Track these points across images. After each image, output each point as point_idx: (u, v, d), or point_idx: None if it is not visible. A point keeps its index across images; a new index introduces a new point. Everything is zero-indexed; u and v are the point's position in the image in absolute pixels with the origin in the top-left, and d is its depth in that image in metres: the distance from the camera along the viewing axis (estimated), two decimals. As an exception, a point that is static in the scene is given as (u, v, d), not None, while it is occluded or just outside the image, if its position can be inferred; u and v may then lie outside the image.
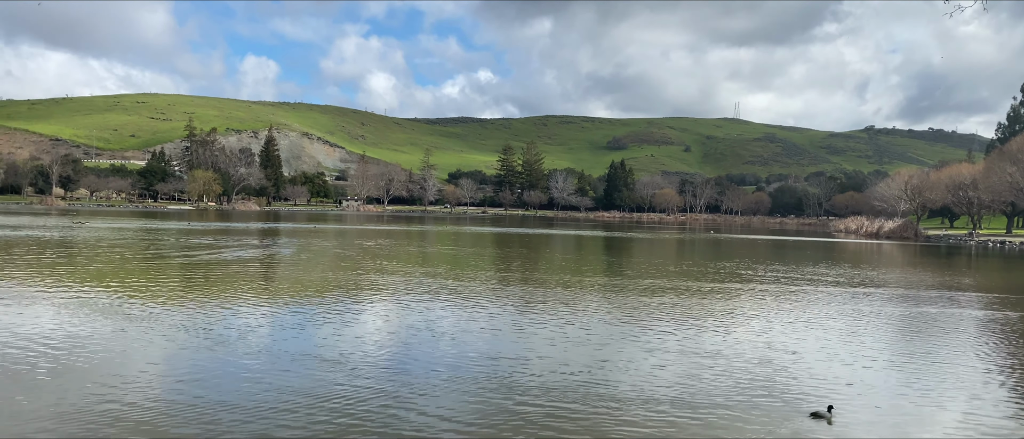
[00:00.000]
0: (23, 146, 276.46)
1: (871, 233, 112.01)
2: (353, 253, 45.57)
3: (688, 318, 22.21)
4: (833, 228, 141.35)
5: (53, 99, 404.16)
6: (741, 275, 37.60)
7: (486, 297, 25.90)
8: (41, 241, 47.05)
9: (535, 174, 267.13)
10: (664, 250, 62.06)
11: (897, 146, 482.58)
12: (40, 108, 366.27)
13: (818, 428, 11.68)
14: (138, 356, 15.14)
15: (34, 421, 10.80)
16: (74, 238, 50.99)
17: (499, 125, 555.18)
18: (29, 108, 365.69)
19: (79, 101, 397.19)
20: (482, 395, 12.91)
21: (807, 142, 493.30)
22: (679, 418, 11.93)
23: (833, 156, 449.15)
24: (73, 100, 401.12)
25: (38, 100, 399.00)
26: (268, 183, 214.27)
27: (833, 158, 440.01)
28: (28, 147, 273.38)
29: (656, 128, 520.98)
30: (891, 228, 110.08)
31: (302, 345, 16.68)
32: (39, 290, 24.20)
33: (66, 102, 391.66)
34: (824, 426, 11.77)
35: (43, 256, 36.64)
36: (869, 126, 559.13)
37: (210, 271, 32.00)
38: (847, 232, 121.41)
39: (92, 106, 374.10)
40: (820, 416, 12.17)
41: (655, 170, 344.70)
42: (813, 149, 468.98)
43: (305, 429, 10.86)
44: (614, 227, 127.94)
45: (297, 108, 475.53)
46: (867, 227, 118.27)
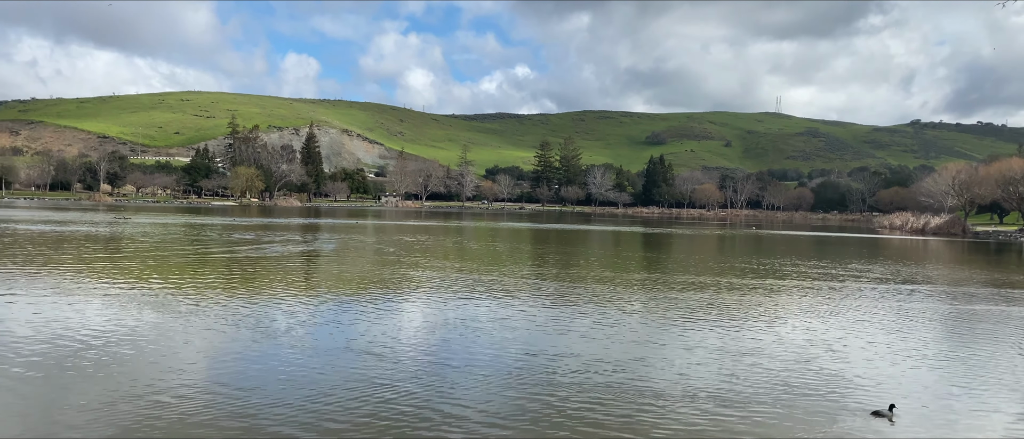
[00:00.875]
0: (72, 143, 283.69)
1: (917, 229, 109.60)
2: (393, 249, 45.95)
3: (729, 315, 21.97)
4: (877, 224, 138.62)
5: (101, 97, 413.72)
6: (783, 271, 37.09)
7: (524, 293, 25.91)
8: (89, 236, 48.22)
9: (572, 170, 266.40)
10: (704, 246, 61.49)
11: (944, 140, 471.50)
12: (88, 106, 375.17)
13: (880, 427, 11.47)
14: (185, 348, 15.44)
15: (83, 412, 11.08)
16: (121, 233, 52.16)
17: (536, 121, 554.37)
18: (78, 106, 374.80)
19: (126, 99, 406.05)
20: (521, 389, 12.93)
21: (850, 137, 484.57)
22: (723, 416, 11.80)
23: (877, 151, 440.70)
24: (120, 98, 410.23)
25: (86, 98, 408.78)
26: (309, 179, 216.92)
27: (877, 153, 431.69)
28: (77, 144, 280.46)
29: (696, 123, 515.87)
30: (937, 224, 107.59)
31: (344, 338, 16.86)
32: (88, 284, 24.80)
33: (113, 100, 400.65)
34: (874, 424, 11.55)
35: (91, 251, 37.54)
36: (915, 120, 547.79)
37: (254, 266, 32.50)
38: (892, 228, 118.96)
39: (138, 104, 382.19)
40: (881, 415, 11.94)
41: (695, 165, 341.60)
42: (856, 144, 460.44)
43: (348, 420, 10.97)
44: (653, 223, 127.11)
45: (337, 105, 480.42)
46: (912, 223, 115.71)
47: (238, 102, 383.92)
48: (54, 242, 42.40)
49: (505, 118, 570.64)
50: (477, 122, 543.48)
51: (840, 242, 74.23)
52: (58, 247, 39.08)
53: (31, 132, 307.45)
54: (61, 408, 11.21)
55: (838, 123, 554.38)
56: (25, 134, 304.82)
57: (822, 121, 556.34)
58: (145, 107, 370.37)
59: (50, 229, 54.87)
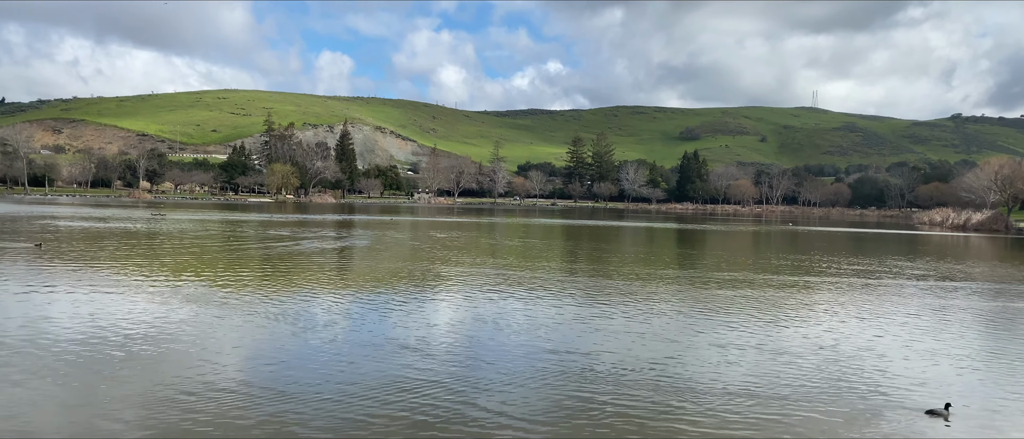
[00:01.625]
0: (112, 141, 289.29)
1: (957, 225, 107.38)
2: (426, 245, 46.17)
3: (765, 312, 21.75)
4: (916, 220, 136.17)
5: (140, 96, 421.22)
6: (820, 268, 36.59)
7: (556, 289, 25.89)
8: (129, 233, 49.14)
9: (605, 165, 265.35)
10: (739, 242, 60.91)
11: (986, 134, 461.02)
12: (128, 105, 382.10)
13: (923, 426, 11.31)
14: (223, 342, 15.69)
15: (124, 404, 11.32)
16: (159, 230, 53.08)
17: (569, 116, 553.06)
18: (118, 105, 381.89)
19: (164, 98, 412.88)
20: (555, 386, 12.94)
21: (889, 131, 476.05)
22: (760, 415, 11.70)
23: (916, 145, 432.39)
24: (158, 97, 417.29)
25: (126, 97, 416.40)
26: (343, 176, 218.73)
27: (916, 147, 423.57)
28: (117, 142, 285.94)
29: (731, 118, 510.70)
30: (979, 220, 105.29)
31: (379, 334, 17.01)
32: (129, 279, 25.28)
33: (152, 99, 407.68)
34: (920, 424, 11.38)
35: (131, 247, 38.26)
36: (956, 114, 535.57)
37: (290, 262, 32.89)
38: (931, 224, 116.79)
39: (176, 102, 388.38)
40: (937, 414, 11.76)
41: (729, 161, 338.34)
42: (895, 138, 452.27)
43: (384, 415, 11.07)
44: (687, 219, 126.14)
45: (370, 103, 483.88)
46: (953, 219, 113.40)
47: (274, 100, 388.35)
48: (95, 238, 43.29)
49: (537, 114, 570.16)
50: (509, 118, 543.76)
51: (878, 238, 73.04)
52: (99, 243, 39.89)
53: (73, 130, 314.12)
54: (103, 400, 11.47)
55: (876, 117, 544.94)
56: (67, 132, 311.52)
57: (860, 115, 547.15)
58: (183, 105, 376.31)
59: (91, 226, 56.04)
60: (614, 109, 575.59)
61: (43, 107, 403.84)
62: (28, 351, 14.40)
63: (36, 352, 14.33)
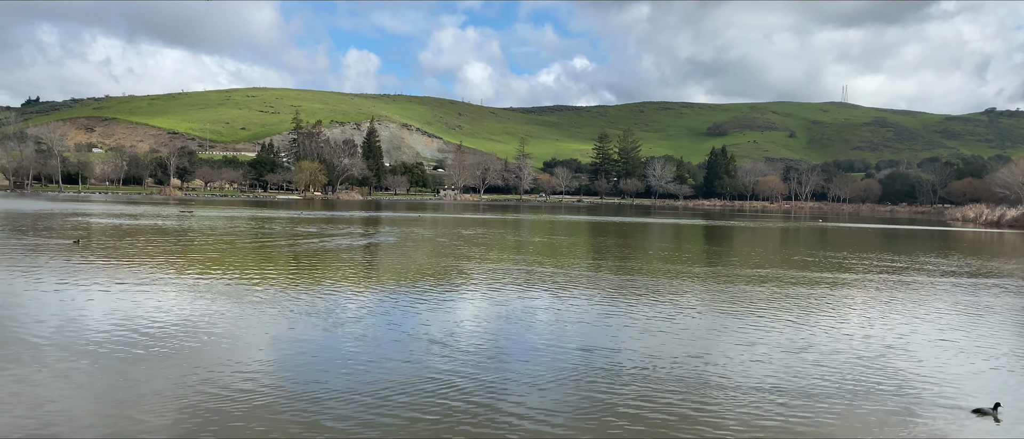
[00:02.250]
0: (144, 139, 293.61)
1: (991, 222, 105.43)
2: (452, 241, 46.32)
3: (794, 309, 21.53)
4: (949, 216, 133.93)
5: (170, 94, 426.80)
6: (850, 265, 36.15)
7: (582, 286, 25.85)
8: (161, 230, 49.82)
9: (632, 162, 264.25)
10: (767, 239, 60.38)
11: (1021, 129, 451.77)
12: (159, 103, 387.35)
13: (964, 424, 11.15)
14: (253, 337, 15.87)
15: (155, 398, 11.49)
16: (190, 227, 53.76)
17: (595, 113, 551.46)
18: (149, 103, 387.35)
19: (194, 96, 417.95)
20: (580, 383, 12.91)
21: (920, 126, 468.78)
22: (788, 414, 11.58)
23: (949, 141, 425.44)
24: (188, 95, 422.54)
25: (157, 95, 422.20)
26: (370, 173, 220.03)
27: (949, 143, 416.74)
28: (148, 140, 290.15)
29: (759, 113, 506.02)
30: (1014, 216, 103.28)
31: (406, 329, 17.09)
32: (160, 275, 25.64)
33: (182, 97, 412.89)
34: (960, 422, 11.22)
35: (164, 244, 38.79)
36: (990, 108, 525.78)
37: (319, 258, 33.17)
38: (965, 221, 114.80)
39: (206, 101, 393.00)
40: (985, 413, 11.58)
41: (758, 156, 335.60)
42: (927, 133, 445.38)
43: (412, 412, 11.13)
44: (714, 215, 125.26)
45: (397, 100, 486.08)
46: (987, 215, 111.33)
47: (301, 98, 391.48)
48: (129, 235, 43.96)
49: (563, 110, 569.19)
50: (535, 115, 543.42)
51: (909, 235, 72.01)
52: (133, 239, 40.51)
53: (105, 129, 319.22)
54: (134, 394, 11.65)
55: (908, 112, 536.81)
56: (99, 131, 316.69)
57: (891, 110, 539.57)
58: (213, 104, 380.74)
59: (124, 222, 56.90)
60: (641, 105, 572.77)
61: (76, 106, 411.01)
62: (63, 345, 14.68)
63: (71, 345, 14.59)
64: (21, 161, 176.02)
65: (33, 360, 13.50)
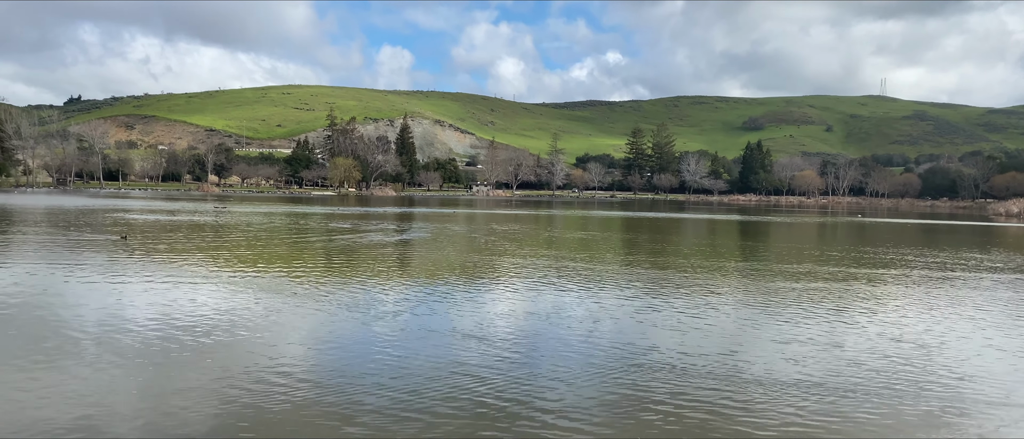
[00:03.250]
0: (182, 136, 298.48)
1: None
2: (485, 237, 46.40)
3: (832, 305, 21.20)
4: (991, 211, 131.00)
5: (208, 92, 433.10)
6: (889, 261, 35.51)
7: (615, 282, 25.72)
8: (202, 225, 50.59)
9: (665, 157, 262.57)
10: (804, 234, 59.57)
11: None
12: (196, 101, 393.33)
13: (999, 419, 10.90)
14: (290, 331, 16.03)
15: (194, 390, 11.66)
16: (229, 223, 54.52)
17: (628, 107, 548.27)
18: (186, 101, 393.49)
19: (231, 93, 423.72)
20: (611, 380, 12.84)
21: (962, 119, 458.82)
22: (825, 416, 11.41)
23: (992, 134, 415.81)
24: (225, 93, 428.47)
25: (194, 93, 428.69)
26: (403, 169, 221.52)
27: (992, 136, 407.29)
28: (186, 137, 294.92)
29: (795, 107, 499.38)
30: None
31: (440, 324, 17.14)
32: (198, 270, 26.02)
33: (219, 95, 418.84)
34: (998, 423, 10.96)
35: (205, 239, 39.36)
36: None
37: (354, 254, 33.42)
38: (1008, 215, 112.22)
39: (242, 98, 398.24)
40: None
41: (794, 151, 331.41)
42: (969, 127, 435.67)
43: (445, 404, 11.17)
44: (750, 211, 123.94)
45: (429, 96, 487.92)
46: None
47: (336, 95, 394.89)
48: (171, 230, 44.70)
49: (596, 105, 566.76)
50: (567, 110, 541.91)
51: (950, 230, 70.56)
52: (175, 235, 41.18)
53: (144, 126, 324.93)
54: (174, 386, 11.84)
55: (948, 105, 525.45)
56: (139, 128, 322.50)
57: (931, 103, 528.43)
58: (249, 101, 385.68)
59: (165, 219, 57.90)
60: (674, 99, 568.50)
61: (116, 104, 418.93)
62: (106, 338, 14.95)
63: (113, 338, 14.86)
64: (64, 158, 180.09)
65: (85, 352, 13.79)
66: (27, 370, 12.61)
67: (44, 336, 15.15)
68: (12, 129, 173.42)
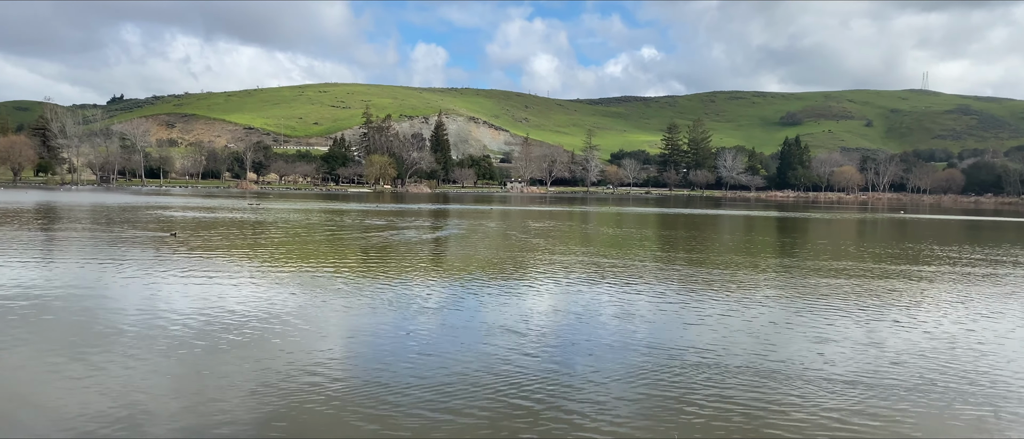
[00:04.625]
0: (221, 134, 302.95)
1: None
2: (519, 233, 46.42)
3: (873, 303, 20.83)
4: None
5: (246, 91, 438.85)
6: (932, 257, 34.80)
7: (650, 280, 25.58)
8: (236, 222, 51.33)
9: (702, 152, 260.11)
10: (843, 231, 58.66)
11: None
12: (235, 99, 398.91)
13: (1023, 426, 10.65)
14: (327, 327, 16.21)
15: (232, 385, 11.85)
16: (265, 219, 55.23)
17: (663, 103, 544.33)
18: (226, 100, 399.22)
19: (269, 92, 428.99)
20: (646, 380, 12.76)
21: (1008, 113, 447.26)
22: (863, 419, 11.25)
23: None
24: (263, 91, 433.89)
25: (233, 92, 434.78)
26: (438, 166, 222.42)
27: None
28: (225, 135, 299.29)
29: (834, 102, 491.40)
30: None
31: (474, 320, 17.20)
32: (237, 266, 26.40)
33: (257, 93, 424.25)
34: None
35: (239, 236, 39.94)
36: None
37: (390, 250, 33.66)
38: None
39: (280, 97, 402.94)
40: None
41: (833, 147, 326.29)
42: (1015, 121, 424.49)
43: (479, 398, 11.21)
44: (788, 207, 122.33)
45: (464, 93, 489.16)
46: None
47: (371, 93, 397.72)
48: (215, 227, 45.42)
49: (631, 101, 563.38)
50: (602, 106, 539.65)
51: (995, 227, 68.93)
52: (218, 231, 41.83)
53: (185, 125, 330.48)
54: (213, 381, 12.04)
55: (993, 99, 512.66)
56: (179, 127, 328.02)
57: (974, 97, 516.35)
58: (287, 100, 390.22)
59: (207, 216, 58.86)
60: (711, 94, 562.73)
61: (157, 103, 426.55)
62: (149, 333, 15.25)
63: (155, 333, 15.16)
64: (107, 157, 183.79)
65: (131, 346, 14.09)
66: (74, 364, 12.92)
67: (92, 330, 15.51)
68: (58, 128, 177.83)
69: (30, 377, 12.27)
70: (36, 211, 60.16)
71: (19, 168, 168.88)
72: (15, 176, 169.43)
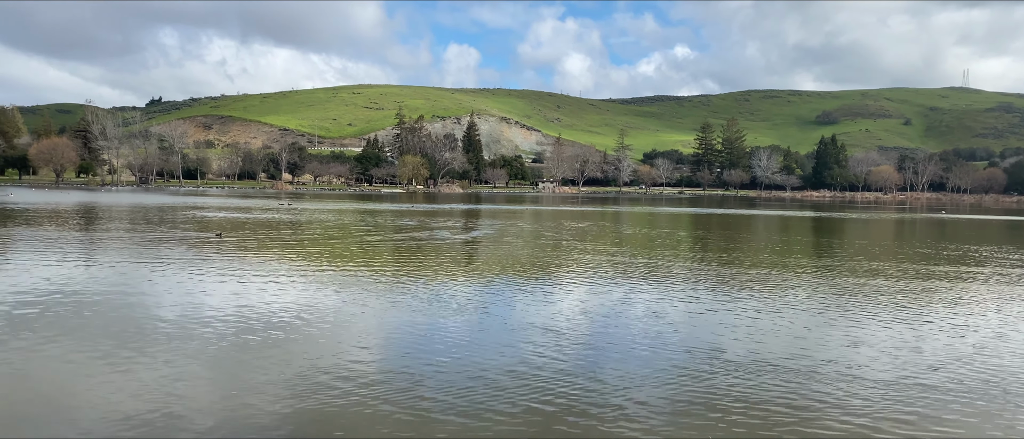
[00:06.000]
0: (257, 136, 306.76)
1: None
2: (551, 234, 46.39)
3: (912, 306, 20.50)
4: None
5: (281, 92, 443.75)
6: (975, 259, 34.12)
7: (683, 281, 25.43)
8: (271, 222, 51.98)
9: (736, 152, 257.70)
10: (881, 231, 57.74)
11: None
12: (270, 101, 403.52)
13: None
14: (361, 326, 16.37)
15: (267, 382, 12.02)
16: (300, 219, 55.86)
17: (697, 102, 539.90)
18: (261, 101, 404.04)
19: (303, 94, 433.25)
20: (680, 384, 12.70)
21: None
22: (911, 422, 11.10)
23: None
24: (298, 93, 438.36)
25: (269, 93, 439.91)
26: (470, 167, 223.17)
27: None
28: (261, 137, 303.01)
29: (871, 100, 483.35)
30: None
31: (506, 321, 17.24)
32: (272, 265, 26.75)
33: (292, 95, 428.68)
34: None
35: (274, 235, 40.44)
36: None
37: (424, 249, 33.86)
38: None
39: (314, 98, 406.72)
40: None
41: (870, 146, 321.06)
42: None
43: (510, 401, 11.25)
44: (824, 207, 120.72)
45: (496, 94, 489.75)
46: None
47: (404, 94, 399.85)
48: (254, 227, 46.06)
49: (664, 101, 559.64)
50: (634, 106, 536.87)
51: (1040, 227, 67.36)
52: (261, 232, 42.42)
53: (221, 126, 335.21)
54: (248, 378, 12.24)
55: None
56: (216, 128, 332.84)
57: (1017, 95, 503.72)
58: (321, 101, 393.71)
59: (244, 216, 59.68)
60: (745, 93, 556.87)
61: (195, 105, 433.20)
62: (188, 332, 15.53)
63: (194, 332, 15.44)
64: (146, 158, 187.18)
65: (173, 345, 14.38)
66: (118, 359, 13.20)
67: (133, 328, 15.83)
68: (98, 130, 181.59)
69: (74, 375, 12.55)
70: (80, 211, 61.50)
71: (61, 169, 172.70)
72: (57, 177, 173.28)
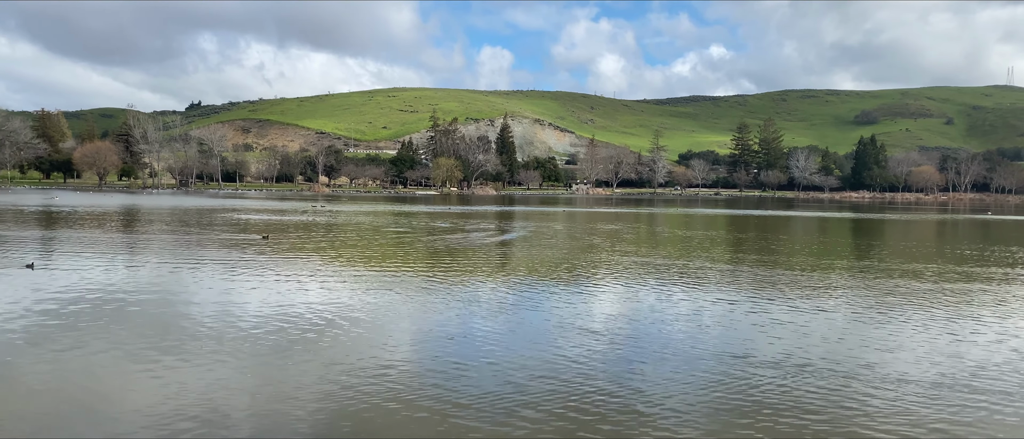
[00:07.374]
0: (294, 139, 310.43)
1: None
2: (585, 236, 46.32)
3: (953, 309, 20.13)
4: None
5: (318, 96, 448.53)
6: (1018, 260, 33.34)
7: (719, 284, 25.25)
8: (307, 225, 52.60)
9: (773, 153, 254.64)
10: (922, 232, 56.69)
11: None
12: (307, 105, 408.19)
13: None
14: (396, 327, 16.57)
15: (302, 382, 12.22)
16: (335, 222, 56.44)
17: (733, 102, 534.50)
18: (298, 105, 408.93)
19: (339, 97, 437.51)
20: (716, 387, 12.63)
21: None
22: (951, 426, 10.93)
23: None
24: (334, 96, 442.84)
25: (306, 97, 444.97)
26: (503, 169, 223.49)
27: None
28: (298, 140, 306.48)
29: (912, 100, 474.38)
30: None
31: (541, 322, 17.31)
32: (307, 267, 27.10)
33: (329, 99, 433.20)
34: None
35: (310, 237, 40.94)
36: None
37: (458, 252, 34.06)
38: None
39: (350, 102, 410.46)
40: None
41: (911, 146, 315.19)
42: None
43: (545, 403, 11.30)
44: (863, 208, 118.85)
45: (529, 96, 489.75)
46: None
47: (438, 97, 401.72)
48: (298, 230, 46.68)
49: (699, 101, 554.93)
50: (669, 106, 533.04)
51: (1089, 229, 65.56)
52: (285, 234, 42.98)
53: (259, 130, 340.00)
54: (283, 376, 12.46)
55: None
56: (254, 132, 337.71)
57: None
58: (357, 104, 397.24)
59: (277, 219, 60.47)
60: (782, 93, 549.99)
61: (233, 109, 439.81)
62: (227, 333, 15.83)
63: (233, 333, 15.72)
64: (186, 161, 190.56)
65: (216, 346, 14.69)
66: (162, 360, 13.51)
67: (175, 329, 16.19)
68: (140, 134, 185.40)
69: (117, 374, 12.87)
70: (124, 213, 62.83)
71: (104, 172, 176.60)
72: (100, 180, 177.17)
